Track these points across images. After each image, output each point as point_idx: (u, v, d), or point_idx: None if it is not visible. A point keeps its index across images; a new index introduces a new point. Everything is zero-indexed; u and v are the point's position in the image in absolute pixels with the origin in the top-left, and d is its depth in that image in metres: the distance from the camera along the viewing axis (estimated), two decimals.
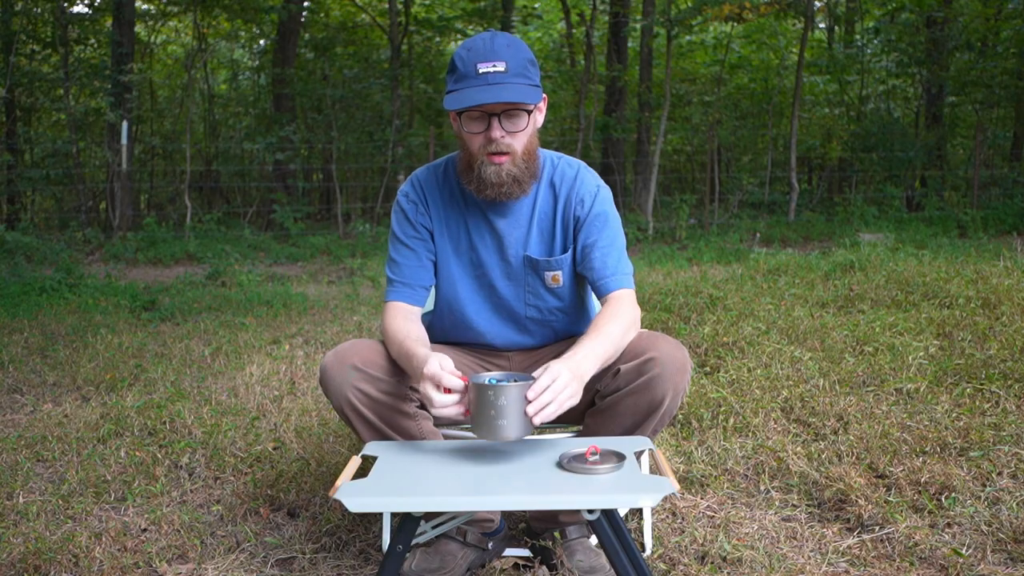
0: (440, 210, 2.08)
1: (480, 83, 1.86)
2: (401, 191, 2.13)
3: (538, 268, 2.06)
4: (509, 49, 1.89)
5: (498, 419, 1.62)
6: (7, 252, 9.00)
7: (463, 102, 1.87)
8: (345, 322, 5.50)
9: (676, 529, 2.26)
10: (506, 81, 1.86)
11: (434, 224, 2.09)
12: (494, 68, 1.86)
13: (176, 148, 14.41)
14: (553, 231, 2.07)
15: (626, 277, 2.04)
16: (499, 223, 2.05)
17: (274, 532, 2.32)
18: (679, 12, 12.32)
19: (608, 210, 2.07)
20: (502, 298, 2.09)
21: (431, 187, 2.10)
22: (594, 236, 2.04)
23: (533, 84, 1.91)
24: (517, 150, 1.94)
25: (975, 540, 2.07)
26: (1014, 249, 6.50)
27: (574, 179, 2.07)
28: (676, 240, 10.72)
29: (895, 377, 3.20)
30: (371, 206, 13.35)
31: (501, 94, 1.85)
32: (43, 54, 13.62)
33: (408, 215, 2.09)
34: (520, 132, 1.93)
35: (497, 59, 1.87)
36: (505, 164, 1.94)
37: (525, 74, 1.90)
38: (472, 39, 1.93)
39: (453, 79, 1.91)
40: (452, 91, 1.90)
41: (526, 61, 1.91)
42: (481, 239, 2.07)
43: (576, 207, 2.05)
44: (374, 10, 15.87)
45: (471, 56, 1.89)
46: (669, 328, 4.35)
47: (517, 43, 1.92)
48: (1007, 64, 14.30)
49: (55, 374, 4.09)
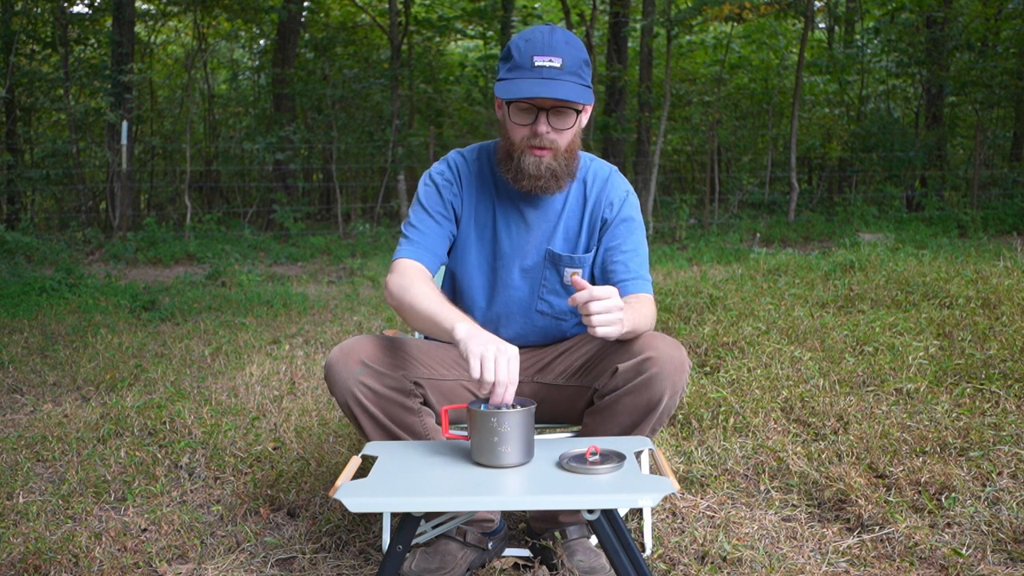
0: (472, 196, 2.07)
1: (535, 76, 1.85)
2: (436, 168, 2.11)
3: (559, 264, 2.06)
4: (567, 46, 1.88)
5: (500, 445, 1.62)
6: (7, 252, 9.00)
7: (515, 92, 1.86)
8: (345, 322, 5.50)
9: (676, 529, 2.26)
10: (560, 78, 1.85)
11: (464, 209, 2.07)
12: (550, 63, 1.85)
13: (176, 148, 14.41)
14: (579, 230, 2.07)
15: (646, 283, 2.05)
16: (529, 214, 2.05)
17: (274, 532, 2.32)
18: (679, 12, 12.33)
19: (635, 216, 2.08)
20: (515, 291, 2.09)
21: (466, 172, 2.09)
22: (619, 239, 2.05)
23: (585, 85, 1.91)
24: (560, 147, 1.94)
25: (975, 540, 2.07)
26: (1014, 249, 6.50)
27: (605, 181, 2.08)
28: (676, 240, 10.72)
29: (895, 377, 3.20)
30: (371, 206, 13.35)
31: (555, 90, 1.84)
32: (43, 54, 13.62)
33: (441, 191, 2.07)
34: (566, 130, 1.93)
35: (554, 54, 1.86)
36: (546, 158, 1.93)
37: (579, 73, 1.89)
38: (531, 30, 1.92)
39: (507, 67, 1.90)
40: (505, 79, 1.89)
41: (581, 60, 1.90)
42: (507, 229, 2.06)
43: (605, 209, 2.06)
44: (374, 10, 15.86)
45: (528, 47, 1.87)
46: (669, 328, 4.35)
47: (575, 41, 1.91)
48: (1007, 64, 14.30)
49: (55, 374, 4.09)
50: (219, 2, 13.95)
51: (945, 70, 14.17)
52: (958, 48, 14.49)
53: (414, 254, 2.01)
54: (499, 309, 2.11)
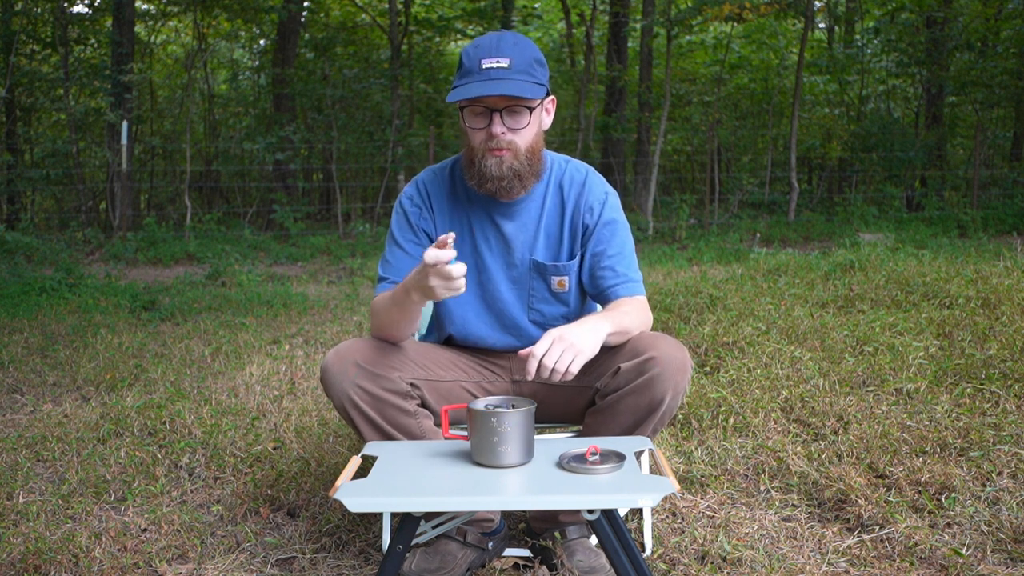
0: (444, 213, 2.08)
1: (482, 78, 1.87)
2: (405, 193, 2.12)
3: (545, 272, 2.06)
4: (515, 47, 1.90)
5: (500, 445, 1.63)
6: (7, 252, 9.00)
7: (463, 94, 1.88)
8: (345, 322, 5.50)
9: (676, 529, 2.26)
10: (507, 77, 1.87)
11: (437, 228, 2.07)
12: (497, 64, 1.87)
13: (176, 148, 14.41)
14: (560, 236, 2.06)
15: (636, 284, 2.04)
16: (506, 226, 2.05)
17: (274, 532, 2.32)
18: (679, 12, 12.32)
19: (617, 217, 2.08)
20: (504, 303, 2.09)
21: (436, 190, 2.09)
22: (604, 244, 2.04)
23: (536, 82, 1.91)
24: (519, 147, 1.94)
25: (975, 540, 2.07)
26: (1014, 249, 6.50)
27: (583, 185, 2.07)
28: (676, 240, 10.72)
29: (895, 377, 3.20)
30: (371, 206, 13.35)
31: (499, 88, 1.85)
32: (43, 54, 13.61)
33: (410, 218, 2.08)
34: (522, 129, 1.93)
35: (501, 56, 1.88)
36: (507, 158, 1.93)
37: (529, 71, 1.90)
38: (481, 37, 1.94)
39: (459, 75, 1.92)
40: (456, 86, 1.91)
41: (532, 59, 1.91)
42: (486, 241, 2.06)
43: (585, 215, 2.05)
44: (374, 10, 15.86)
45: (477, 52, 1.90)
46: (669, 328, 4.35)
47: (524, 42, 1.93)
48: (1007, 64, 14.30)
49: (55, 374, 4.09)
50: (219, 2, 13.95)
51: (945, 70, 14.16)
52: (958, 48, 14.48)
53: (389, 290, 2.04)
54: (492, 321, 2.11)
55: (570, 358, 1.71)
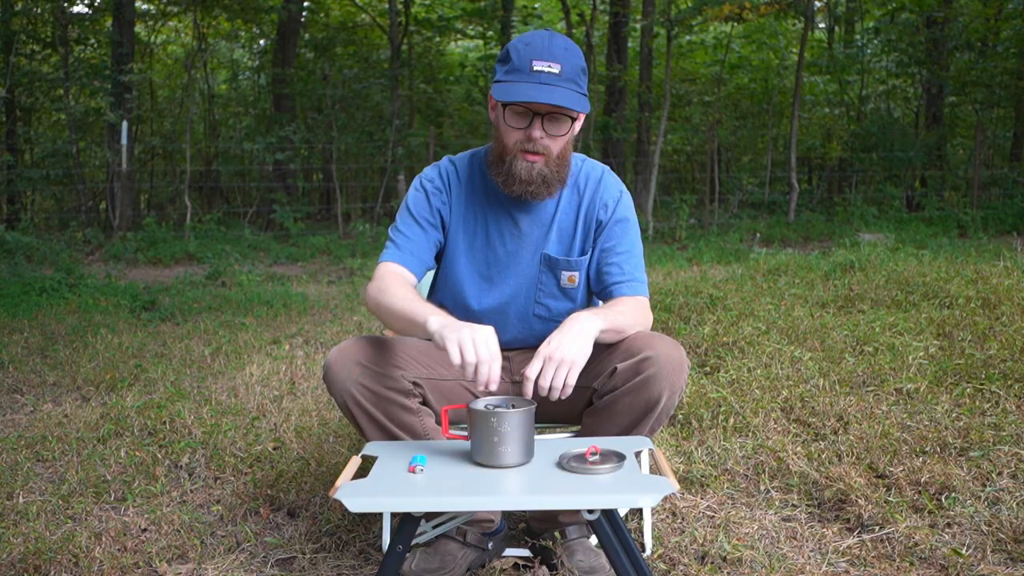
0: (461, 203, 2.07)
1: (533, 80, 1.85)
2: (425, 175, 2.11)
3: (556, 267, 2.06)
4: (566, 53, 1.89)
5: (500, 445, 1.63)
6: (7, 252, 8.99)
7: (512, 95, 1.86)
8: (345, 322, 5.50)
9: (676, 529, 2.26)
10: (558, 84, 1.86)
11: (452, 217, 2.07)
12: (549, 68, 1.86)
13: (176, 148, 14.40)
14: (574, 232, 2.07)
15: (640, 285, 2.04)
16: (521, 219, 2.05)
17: (274, 532, 2.32)
18: (679, 12, 12.32)
19: (630, 216, 2.08)
20: (511, 295, 2.09)
21: (456, 178, 2.09)
22: (614, 241, 2.05)
23: (582, 93, 1.91)
24: (552, 153, 1.94)
25: (975, 540, 2.07)
26: (1014, 249, 6.50)
27: (598, 182, 2.07)
28: (676, 240, 10.72)
29: (895, 377, 3.20)
30: (371, 206, 13.35)
31: (552, 96, 1.84)
32: (43, 54, 13.60)
33: (430, 197, 2.07)
34: (560, 137, 1.93)
35: (554, 60, 1.86)
36: (538, 164, 1.93)
37: (577, 80, 1.89)
38: (531, 34, 1.92)
39: (505, 70, 1.90)
40: (503, 81, 1.88)
41: (579, 68, 1.90)
42: (499, 234, 2.06)
43: (600, 211, 2.05)
44: (374, 10, 15.86)
45: (528, 51, 1.87)
46: (669, 328, 4.35)
47: (574, 48, 1.92)
48: (1007, 64, 14.30)
49: (55, 374, 4.09)
50: (219, 2, 13.95)
51: (945, 70, 14.17)
52: (958, 48, 14.49)
53: (399, 258, 2.02)
54: (495, 315, 2.11)
55: (564, 373, 1.71)
